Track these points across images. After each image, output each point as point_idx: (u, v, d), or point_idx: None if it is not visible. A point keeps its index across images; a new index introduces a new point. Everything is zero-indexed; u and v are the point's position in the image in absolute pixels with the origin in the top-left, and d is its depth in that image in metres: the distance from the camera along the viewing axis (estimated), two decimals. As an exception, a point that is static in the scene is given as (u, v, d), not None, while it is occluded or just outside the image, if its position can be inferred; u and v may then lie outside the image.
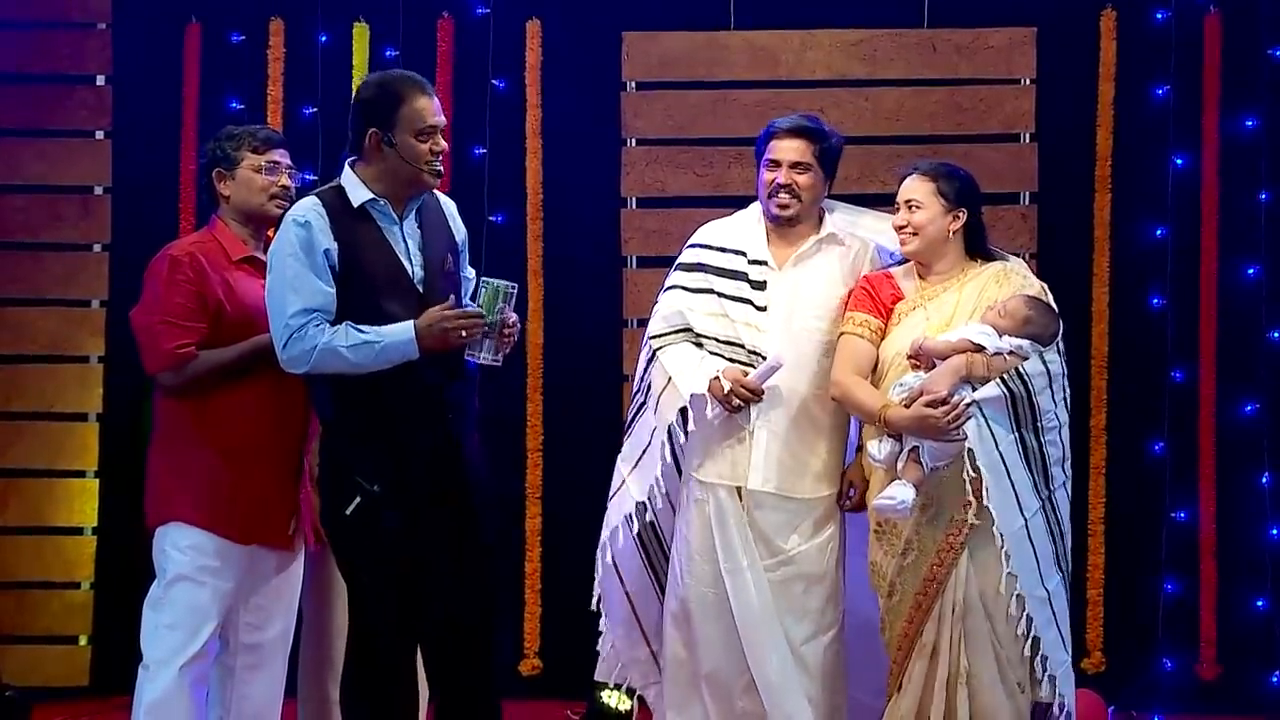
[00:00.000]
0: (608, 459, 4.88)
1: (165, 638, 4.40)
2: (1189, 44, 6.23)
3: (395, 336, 4.17)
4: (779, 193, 4.67)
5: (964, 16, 6.36)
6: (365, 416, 4.27)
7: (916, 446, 4.32)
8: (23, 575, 6.47)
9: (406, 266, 4.29)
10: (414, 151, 4.25)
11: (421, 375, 4.23)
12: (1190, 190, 6.23)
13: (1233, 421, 6.18)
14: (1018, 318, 4.36)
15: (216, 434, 4.44)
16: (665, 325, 4.77)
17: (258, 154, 4.56)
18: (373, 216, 4.29)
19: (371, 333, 4.19)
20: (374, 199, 4.28)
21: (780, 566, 4.61)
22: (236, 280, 4.50)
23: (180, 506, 4.44)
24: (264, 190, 4.55)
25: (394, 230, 4.30)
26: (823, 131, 4.70)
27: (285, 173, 4.59)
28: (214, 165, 4.57)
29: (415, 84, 4.31)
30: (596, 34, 6.45)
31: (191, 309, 4.41)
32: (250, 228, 4.60)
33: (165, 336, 4.40)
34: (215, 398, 4.44)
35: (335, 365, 4.21)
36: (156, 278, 4.46)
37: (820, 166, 4.68)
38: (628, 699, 5.86)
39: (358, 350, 4.17)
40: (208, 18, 6.50)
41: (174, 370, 4.41)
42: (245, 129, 4.64)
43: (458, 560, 4.33)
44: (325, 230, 4.23)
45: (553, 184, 6.44)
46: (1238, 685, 6.15)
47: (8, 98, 6.53)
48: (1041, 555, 4.36)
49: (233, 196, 4.56)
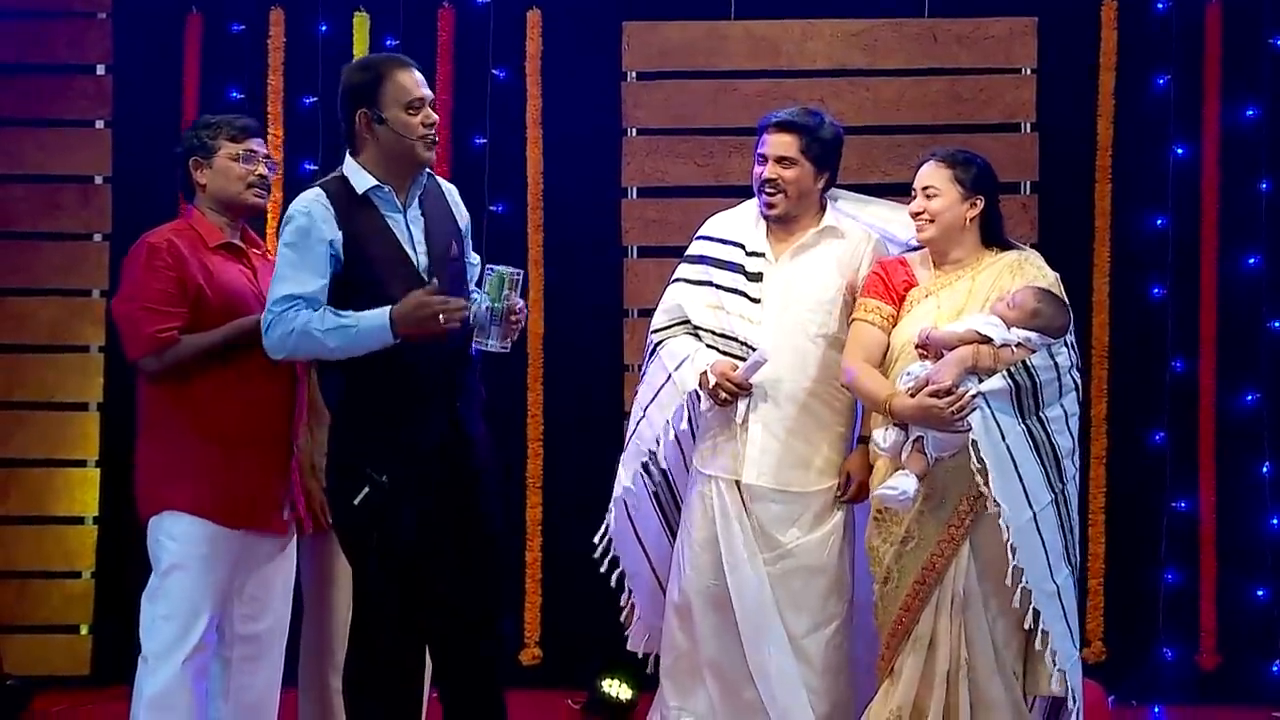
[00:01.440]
0: (608, 448, 4.89)
1: (163, 629, 4.39)
2: (1190, 34, 6.23)
3: (370, 321, 4.15)
4: (764, 187, 4.67)
5: (964, 6, 6.35)
6: (373, 406, 4.27)
7: (921, 436, 4.32)
8: (23, 565, 6.47)
9: (410, 254, 4.28)
10: (405, 124, 4.24)
11: (429, 364, 4.22)
12: (1191, 180, 6.23)
13: (1233, 411, 6.19)
14: (1026, 310, 4.34)
15: (203, 420, 4.41)
16: (666, 319, 4.78)
17: (235, 143, 4.54)
18: (376, 204, 4.28)
19: (350, 317, 4.16)
20: (378, 185, 4.27)
21: (779, 560, 4.61)
22: (215, 265, 4.48)
23: (171, 495, 4.42)
24: (241, 179, 4.53)
25: (397, 218, 4.30)
26: (811, 125, 4.65)
27: (262, 162, 4.58)
28: (191, 154, 4.55)
29: (395, 60, 4.33)
30: (597, 24, 6.45)
31: (171, 294, 4.39)
32: (227, 216, 4.57)
33: (146, 322, 4.38)
34: (200, 383, 4.42)
35: (313, 349, 4.20)
36: (135, 265, 4.46)
37: (809, 160, 4.65)
38: (629, 688, 5.87)
39: (333, 334, 4.15)
40: (208, 7, 6.50)
41: (156, 355, 4.39)
42: (222, 118, 4.62)
43: (464, 551, 4.33)
44: (329, 220, 4.22)
45: (553, 174, 6.43)
46: (1238, 675, 6.15)
47: (8, 87, 6.53)
48: (1050, 548, 4.34)
49: (209, 185, 4.54)
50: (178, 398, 4.43)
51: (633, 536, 4.86)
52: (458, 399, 4.31)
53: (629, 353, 6.30)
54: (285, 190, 6.40)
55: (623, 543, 4.87)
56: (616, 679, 5.93)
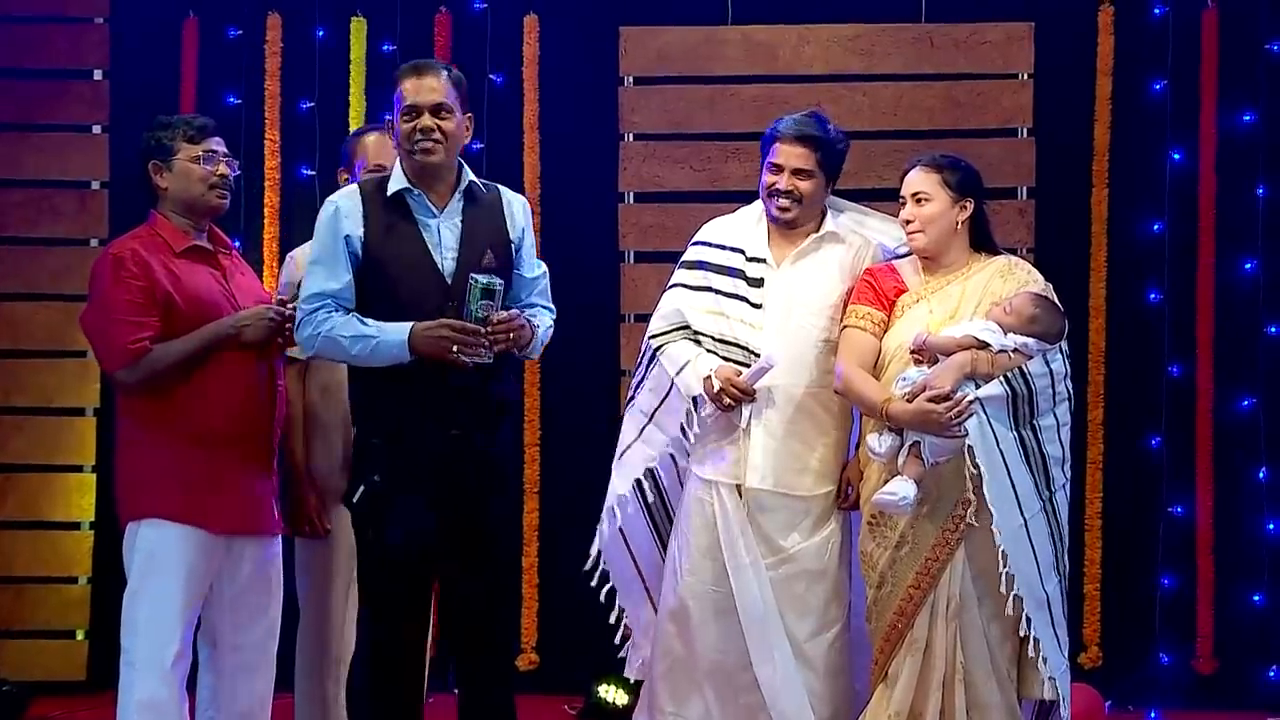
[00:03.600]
0: (605, 453, 4.88)
1: (149, 633, 4.33)
2: (1187, 39, 6.24)
3: (390, 336, 4.18)
4: (780, 198, 4.65)
5: (961, 11, 6.36)
6: (377, 408, 4.29)
7: (918, 441, 4.31)
8: (20, 570, 6.47)
9: (436, 258, 4.28)
10: (400, 132, 4.30)
11: (433, 372, 4.20)
12: (1188, 185, 6.24)
13: (1230, 416, 6.19)
14: (1024, 315, 4.34)
15: (183, 424, 4.37)
16: (665, 324, 4.76)
17: (193, 144, 4.46)
18: (409, 206, 4.31)
19: (373, 327, 4.20)
20: (409, 188, 4.30)
21: (781, 564, 4.60)
22: (183, 271, 4.42)
23: (152, 501, 4.37)
24: (203, 180, 4.46)
25: (429, 222, 4.30)
26: (827, 139, 4.63)
27: (223, 160, 4.50)
28: (149, 157, 4.48)
29: (410, 66, 4.37)
30: (594, 29, 6.46)
31: (140, 304, 4.34)
32: (191, 219, 4.49)
33: (117, 335, 4.33)
34: (178, 388, 4.37)
35: (336, 354, 4.27)
36: (101, 278, 4.40)
37: (823, 172, 4.64)
38: (625, 693, 5.86)
39: (356, 342, 4.20)
40: (205, 12, 6.51)
41: (130, 367, 4.34)
42: (178, 118, 4.56)
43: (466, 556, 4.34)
44: (353, 215, 4.27)
45: (550, 179, 6.44)
46: (1234, 680, 6.16)
47: (5, 92, 6.54)
48: (1041, 556, 4.34)
49: (171, 188, 4.47)
50: (157, 403, 4.38)
51: (624, 547, 4.84)
52: (466, 409, 4.28)
53: (626, 358, 6.30)
54: (281, 195, 6.42)
55: (613, 554, 4.84)
56: (612, 685, 5.93)
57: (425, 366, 4.18)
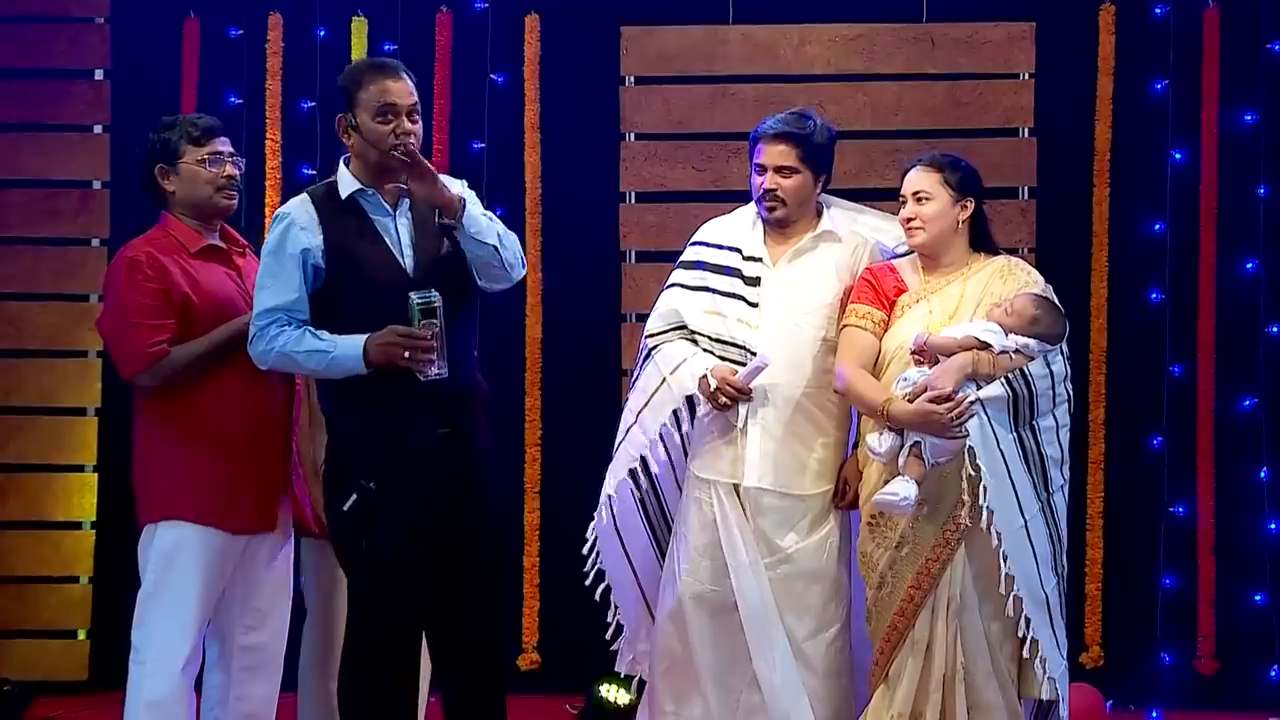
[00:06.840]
0: (606, 453, 4.88)
1: (163, 632, 4.36)
2: (1188, 38, 6.23)
3: (345, 349, 4.17)
4: (765, 198, 4.66)
5: (963, 11, 6.35)
6: (364, 414, 4.27)
7: (919, 442, 4.31)
8: (22, 570, 6.47)
9: (398, 257, 4.26)
10: (375, 133, 4.22)
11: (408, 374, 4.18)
12: (1189, 185, 6.23)
13: (1231, 416, 6.19)
14: (1025, 317, 4.34)
15: (200, 425, 4.39)
16: (662, 323, 4.76)
17: (199, 146, 4.46)
18: (363, 208, 4.27)
19: (326, 341, 4.19)
20: (362, 189, 4.27)
21: (780, 564, 4.60)
22: (199, 271, 4.43)
23: (171, 503, 4.39)
24: (210, 183, 4.46)
25: (385, 221, 4.28)
26: (806, 134, 4.62)
27: (229, 161, 4.50)
28: (154, 161, 4.48)
29: (377, 66, 4.31)
30: (595, 28, 6.45)
31: (157, 306, 4.34)
32: (200, 221, 4.51)
33: (134, 338, 4.34)
34: (196, 388, 4.38)
35: (292, 369, 4.29)
36: (116, 282, 4.41)
37: (808, 167, 4.64)
38: (627, 693, 5.86)
39: (311, 357, 4.20)
40: (206, 12, 6.50)
41: (149, 370, 4.36)
42: (182, 120, 4.54)
43: (459, 559, 4.33)
44: (309, 226, 4.23)
45: (551, 178, 6.43)
46: (1236, 680, 6.15)
47: (6, 92, 6.54)
48: (1040, 557, 4.34)
49: (178, 192, 4.48)
50: (175, 403, 4.40)
51: (618, 547, 4.83)
52: (454, 408, 4.29)
53: (627, 357, 6.30)
54: (283, 194, 6.41)
55: (608, 553, 4.84)
56: (614, 684, 5.92)
57: (385, 374, 4.16)
